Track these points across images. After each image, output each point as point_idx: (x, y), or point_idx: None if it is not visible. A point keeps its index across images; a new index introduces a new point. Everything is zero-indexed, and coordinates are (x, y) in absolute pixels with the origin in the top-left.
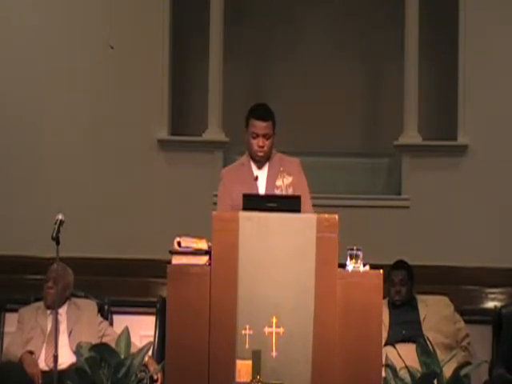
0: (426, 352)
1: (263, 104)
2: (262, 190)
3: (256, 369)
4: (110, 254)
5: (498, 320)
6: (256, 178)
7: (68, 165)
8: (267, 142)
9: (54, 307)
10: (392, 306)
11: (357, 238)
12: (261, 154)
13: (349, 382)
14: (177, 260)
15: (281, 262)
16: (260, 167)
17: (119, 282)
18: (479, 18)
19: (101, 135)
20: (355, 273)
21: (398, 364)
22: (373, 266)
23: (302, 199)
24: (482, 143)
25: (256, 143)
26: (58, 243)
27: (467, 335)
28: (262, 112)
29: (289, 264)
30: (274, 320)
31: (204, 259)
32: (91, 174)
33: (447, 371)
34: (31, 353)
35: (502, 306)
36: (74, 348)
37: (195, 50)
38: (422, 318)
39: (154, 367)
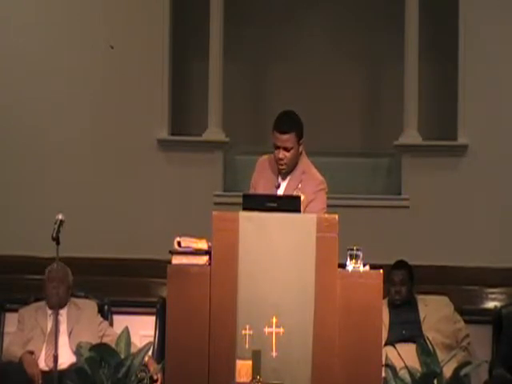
0: (425, 352)
1: (288, 113)
2: None
3: (256, 369)
4: (110, 253)
5: (498, 320)
6: (278, 186)
7: (68, 165)
8: (288, 155)
9: (60, 307)
10: (392, 305)
11: (357, 238)
12: (281, 166)
13: (349, 382)
14: (177, 260)
15: (281, 261)
16: (284, 177)
17: (119, 282)
18: (479, 18)
19: (101, 135)
20: (355, 273)
21: (398, 364)
22: (373, 266)
23: None
24: (482, 143)
25: (276, 154)
26: (58, 243)
27: (467, 335)
28: (282, 124)
29: (289, 264)
30: (274, 320)
31: (204, 259)
32: (91, 174)
33: (447, 371)
34: (31, 353)
35: (501, 306)
36: (74, 348)
37: (195, 49)
38: (421, 318)
39: (153, 367)
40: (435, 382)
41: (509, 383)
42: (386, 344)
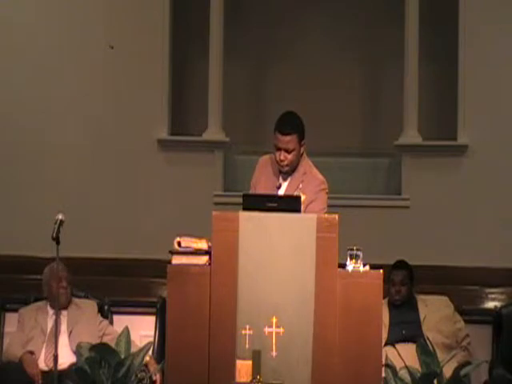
0: (425, 352)
1: (290, 115)
2: None
3: (256, 369)
4: (110, 254)
5: (498, 320)
6: (279, 187)
7: (68, 165)
8: (289, 156)
9: (64, 307)
10: (392, 305)
11: (357, 238)
12: (282, 168)
13: (349, 382)
14: (177, 260)
15: (281, 262)
16: (285, 178)
17: (119, 282)
18: (479, 18)
19: (101, 135)
20: (355, 273)
21: (398, 364)
22: (373, 266)
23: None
24: (482, 143)
25: (278, 155)
26: (58, 243)
27: (467, 335)
28: (284, 125)
29: (289, 264)
30: (274, 320)
31: (204, 259)
32: (91, 174)
33: (447, 371)
34: (31, 353)
35: (502, 306)
36: (73, 348)
37: (195, 49)
38: (421, 318)
39: (154, 367)
40: (435, 382)
41: (509, 383)
42: (386, 344)
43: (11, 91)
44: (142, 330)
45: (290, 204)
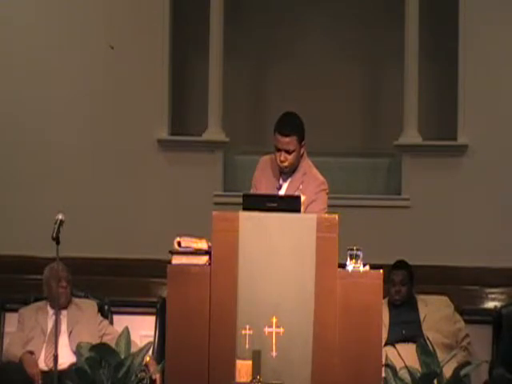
0: (425, 352)
1: (290, 115)
2: None
3: (256, 369)
4: (110, 253)
5: (498, 320)
6: (279, 188)
7: (68, 165)
8: (289, 157)
9: (64, 307)
10: (392, 305)
11: (357, 238)
12: (282, 169)
13: (349, 382)
14: (177, 260)
15: (281, 262)
16: (285, 179)
17: (119, 282)
18: (479, 18)
19: (101, 135)
20: (355, 273)
21: (398, 364)
22: (373, 266)
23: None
24: (482, 143)
25: (278, 156)
26: (58, 243)
27: (467, 335)
28: (284, 126)
29: (289, 264)
30: (274, 320)
31: (204, 259)
32: (91, 174)
33: (447, 371)
34: (31, 353)
35: (502, 306)
36: (73, 348)
37: (195, 49)
38: (421, 318)
39: (154, 367)
40: (435, 382)
41: (509, 383)
42: (386, 344)
43: (11, 91)
44: (142, 329)
45: (290, 204)
